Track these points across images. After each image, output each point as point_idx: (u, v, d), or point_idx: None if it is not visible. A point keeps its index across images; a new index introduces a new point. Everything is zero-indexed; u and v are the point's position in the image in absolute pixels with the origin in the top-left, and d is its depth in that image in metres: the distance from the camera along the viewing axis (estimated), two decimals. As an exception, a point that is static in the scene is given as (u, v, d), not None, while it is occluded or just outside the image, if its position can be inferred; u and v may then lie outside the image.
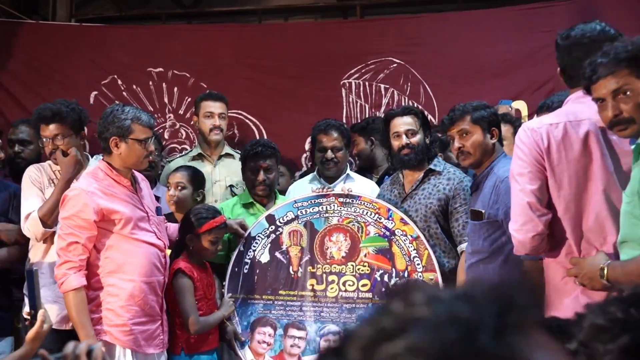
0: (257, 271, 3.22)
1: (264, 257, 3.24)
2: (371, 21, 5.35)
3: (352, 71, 4.83)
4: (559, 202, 2.26)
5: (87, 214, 2.72)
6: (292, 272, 3.21)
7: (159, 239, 2.94)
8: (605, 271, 2.05)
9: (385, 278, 3.11)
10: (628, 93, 1.99)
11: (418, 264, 3.07)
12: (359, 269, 3.15)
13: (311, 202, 3.25)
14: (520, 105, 4.55)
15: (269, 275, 3.23)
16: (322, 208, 3.25)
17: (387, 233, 3.14)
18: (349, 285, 3.15)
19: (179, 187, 3.54)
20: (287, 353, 3.15)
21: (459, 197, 3.07)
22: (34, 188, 3.20)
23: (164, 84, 4.93)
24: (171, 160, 4.22)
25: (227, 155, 4.05)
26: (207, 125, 3.98)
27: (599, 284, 2.08)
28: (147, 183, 3.10)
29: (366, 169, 3.96)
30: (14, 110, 4.86)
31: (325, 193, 3.27)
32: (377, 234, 3.16)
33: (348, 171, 3.66)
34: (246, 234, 3.26)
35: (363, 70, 4.83)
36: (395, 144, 3.21)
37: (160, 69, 4.93)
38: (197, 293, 3.07)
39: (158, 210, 3.04)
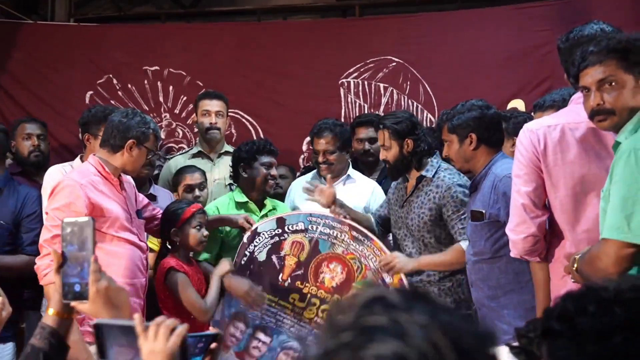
0: (251, 267, 3.21)
1: (261, 256, 3.22)
2: (370, 20, 5.35)
3: (351, 70, 4.83)
4: (555, 204, 2.29)
5: (78, 207, 2.63)
6: (280, 280, 3.19)
7: (142, 240, 2.92)
8: (576, 264, 2.10)
9: None
10: (613, 84, 2.00)
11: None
12: None
13: (325, 222, 3.22)
14: (518, 104, 4.57)
15: (260, 274, 3.21)
16: (333, 233, 3.21)
17: (382, 285, 3.11)
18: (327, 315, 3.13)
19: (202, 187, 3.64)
20: (247, 353, 3.14)
21: (449, 205, 2.99)
22: None
23: (159, 82, 4.94)
24: (171, 158, 4.23)
25: (227, 153, 4.04)
26: (204, 124, 4.00)
27: (575, 276, 2.12)
28: (131, 185, 3.06)
29: (372, 166, 3.93)
30: (13, 110, 4.89)
31: (341, 219, 3.22)
32: (372, 282, 3.12)
33: (349, 171, 3.63)
34: (253, 228, 3.24)
35: (362, 69, 4.83)
36: None
37: (156, 68, 4.94)
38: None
39: (139, 213, 3.01)
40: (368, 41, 4.89)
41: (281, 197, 3.90)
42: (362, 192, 3.55)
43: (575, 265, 2.10)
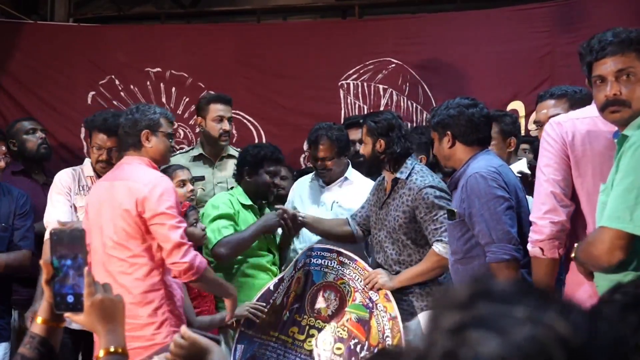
0: (271, 312, 3.22)
1: (279, 300, 3.23)
2: (370, 21, 5.36)
3: (351, 72, 4.84)
4: (582, 194, 2.26)
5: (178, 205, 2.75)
6: (283, 315, 3.22)
7: None
8: (574, 252, 2.09)
9: (357, 348, 3.07)
10: (630, 76, 1.99)
11: (388, 345, 3.01)
12: (338, 332, 3.12)
13: (318, 252, 3.26)
14: (517, 106, 4.58)
15: (275, 317, 3.23)
16: (324, 262, 3.24)
17: (370, 304, 3.11)
18: (326, 344, 3.13)
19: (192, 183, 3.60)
20: None
21: (421, 207, 3.00)
22: (62, 195, 3.27)
23: (161, 84, 4.94)
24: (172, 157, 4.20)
25: (229, 156, 3.96)
26: (216, 130, 3.82)
27: (576, 264, 2.11)
28: None
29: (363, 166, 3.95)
30: (13, 111, 4.88)
31: (330, 247, 3.26)
32: (361, 303, 3.13)
33: (348, 172, 3.64)
34: (280, 275, 3.29)
35: (361, 71, 4.84)
36: None
37: (158, 69, 4.94)
38: (191, 293, 3.05)
39: None
40: (367, 42, 4.90)
41: (283, 198, 3.91)
42: (358, 193, 3.55)
43: (573, 254, 2.10)
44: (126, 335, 1.31)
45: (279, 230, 3.59)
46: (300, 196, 3.70)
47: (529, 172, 3.67)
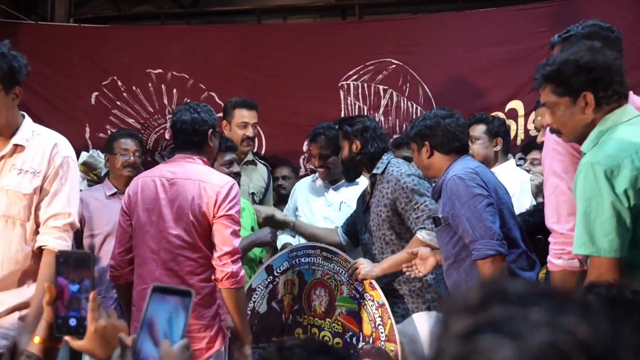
0: (255, 322, 3.23)
1: (262, 308, 3.25)
2: (370, 22, 5.36)
3: (351, 72, 4.84)
4: None
5: None
6: (283, 320, 3.25)
7: None
8: None
9: (354, 340, 3.12)
10: (552, 108, 2.09)
11: (382, 332, 3.05)
12: (333, 327, 3.18)
13: (303, 252, 3.29)
14: (517, 106, 4.58)
15: (266, 324, 3.24)
16: (311, 260, 3.27)
17: (357, 295, 3.15)
18: (326, 340, 3.18)
19: None
20: None
21: (401, 197, 3.04)
22: None
23: (163, 85, 4.94)
24: None
25: (249, 162, 3.94)
26: (239, 135, 3.77)
27: None
28: None
29: None
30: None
31: (313, 245, 3.31)
32: (348, 295, 3.18)
33: None
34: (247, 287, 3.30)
35: (362, 72, 4.84)
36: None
37: (160, 70, 4.94)
38: None
39: None
40: (367, 43, 4.89)
41: (285, 198, 3.92)
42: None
43: None
44: (190, 336, 1.28)
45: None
46: (304, 197, 3.72)
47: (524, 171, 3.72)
